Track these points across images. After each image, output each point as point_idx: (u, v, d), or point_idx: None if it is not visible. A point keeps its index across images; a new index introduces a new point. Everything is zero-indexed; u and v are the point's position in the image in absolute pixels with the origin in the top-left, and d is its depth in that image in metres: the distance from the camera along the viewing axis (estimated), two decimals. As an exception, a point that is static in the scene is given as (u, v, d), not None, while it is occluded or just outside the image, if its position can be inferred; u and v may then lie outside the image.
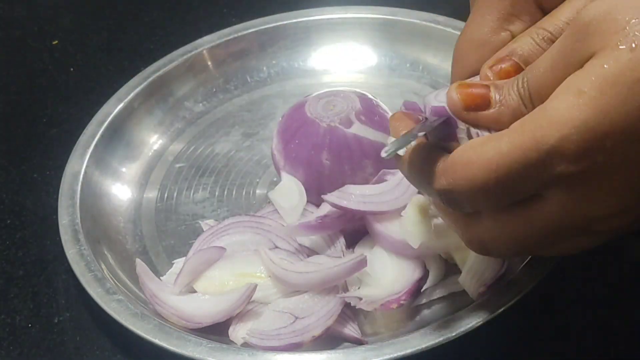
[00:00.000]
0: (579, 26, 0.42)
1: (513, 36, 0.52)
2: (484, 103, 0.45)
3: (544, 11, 0.51)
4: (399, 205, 0.57)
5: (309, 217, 0.59)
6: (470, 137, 0.46)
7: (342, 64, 0.78)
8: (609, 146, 0.40)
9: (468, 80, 0.47)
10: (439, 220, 0.55)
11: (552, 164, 0.41)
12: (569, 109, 0.40)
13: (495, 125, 0.45)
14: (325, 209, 0.59)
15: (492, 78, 0.47)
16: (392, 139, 0.48)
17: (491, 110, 0.45)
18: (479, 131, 0.45)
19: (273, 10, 0.80)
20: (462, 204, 0.45)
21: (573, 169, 0.41)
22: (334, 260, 0.57)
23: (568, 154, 0.40)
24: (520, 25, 0.51)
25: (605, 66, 0.39)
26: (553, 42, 0.46)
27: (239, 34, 0.78)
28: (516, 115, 0.44)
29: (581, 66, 0.41)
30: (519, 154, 0.41)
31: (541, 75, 0.43)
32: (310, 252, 0.59)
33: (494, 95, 0.45)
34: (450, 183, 0.44)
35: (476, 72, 0.51)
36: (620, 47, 0.39)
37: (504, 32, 0.52)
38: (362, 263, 0.55)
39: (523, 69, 0.46)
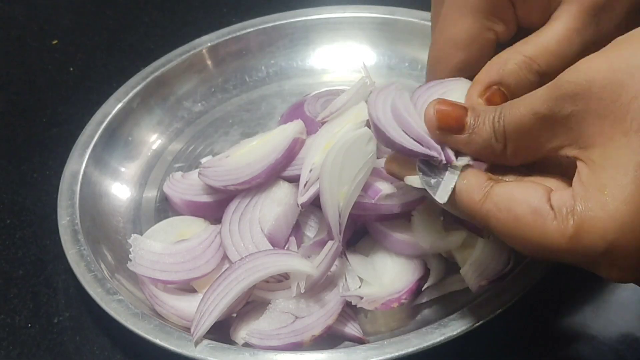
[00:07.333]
0: (570, 88, 0.41)
1: (497, 37, 0.52)
2: (458, 127, 0.45)
3: (514, 5, 0.51)
4: None
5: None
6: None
7: (340, 63, 0.78)
8: None
9: (449, 100, 0.47)
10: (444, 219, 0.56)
11: (600, 265, 0.41)
12: (609, 211, 0.39)
13: (464, 148, 0.45)
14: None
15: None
16: (412, 179, 0.48)
17: (463, 136, 0.45)
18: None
19: (273, 9, 0.80)
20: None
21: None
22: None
23: (617, 260, 0.40)
24: (502, 26, 0.52)
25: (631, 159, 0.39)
26: (540, 75, 0.47)
27: (238, 33, 0.78)
28: (486, 146, 0.44)
29: (568, 128, 0.41)
30: (568, 254, 0.41)
31: (519, 118, 0.43)
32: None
33: (469, 121, 0.45)
34: (490, 222, 0.44)
35: (459, 74, 0.51)
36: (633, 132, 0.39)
37: (488, 33, 0.52)
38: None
39: (508, 98, 0.47)
